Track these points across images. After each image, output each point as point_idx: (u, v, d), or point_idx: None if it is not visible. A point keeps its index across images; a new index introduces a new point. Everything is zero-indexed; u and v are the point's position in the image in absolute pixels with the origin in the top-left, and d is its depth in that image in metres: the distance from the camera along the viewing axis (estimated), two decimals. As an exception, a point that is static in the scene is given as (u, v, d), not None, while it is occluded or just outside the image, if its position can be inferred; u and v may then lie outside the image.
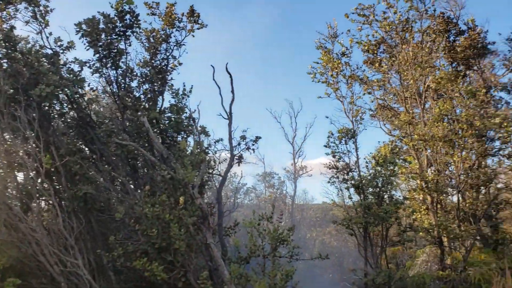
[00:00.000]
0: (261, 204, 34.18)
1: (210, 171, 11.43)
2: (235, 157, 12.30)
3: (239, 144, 12.42)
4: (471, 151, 14.59)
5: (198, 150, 10.06)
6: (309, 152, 55.03)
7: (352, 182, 14.40)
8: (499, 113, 14.78)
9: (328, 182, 15.35)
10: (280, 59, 68.70)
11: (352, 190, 14.59)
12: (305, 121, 51.53)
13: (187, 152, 9.81)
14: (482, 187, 14.95)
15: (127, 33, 10.34)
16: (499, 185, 16.13)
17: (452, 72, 15.86)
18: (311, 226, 34.53)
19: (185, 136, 10.86)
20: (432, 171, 15.50)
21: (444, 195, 15.34)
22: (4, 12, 9.93)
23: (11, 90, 9.43)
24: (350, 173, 14.81)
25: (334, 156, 14.95)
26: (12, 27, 9.91)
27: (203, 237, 8.68)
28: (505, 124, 13.93)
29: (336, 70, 15.88)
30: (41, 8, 10.42)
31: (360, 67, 17.05)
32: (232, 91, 12.31)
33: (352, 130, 14.89)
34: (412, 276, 13.61)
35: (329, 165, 15.13)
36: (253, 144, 12.47)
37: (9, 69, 9.46)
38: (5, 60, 9.65)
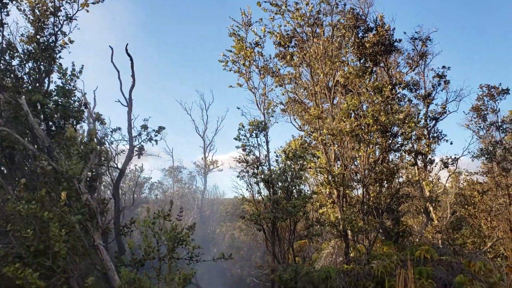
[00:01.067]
0: (169, 200, 32.94)
1: (106, 163, 10.26)
2: (135, 149, 11.25)
3: (140, 134, 11.37)
4: (376, 146, 14.83)
5: (89, 139, 8.89)
6: (220, 146, 54.54)
7: (262, 176, 13.97)
8: (403, 109, 15.20)
9: (238, 176, 14.80)
10: (190, 47, 67.35)
11: (261, 184, 14.18)
12: (217, 114, 50.79)
13: (76, 141, 8.61)
14: (385, 182, 15.28)
15: (4, 1, 8.83)
16: (400, 180, 16.69)
17: (360, 68, 16.03)
18: (221, 221, 33.96)
19: (74, 123, 9.57)
20: (339, 166, 15.56)
21: (350, 189, 15.48)
22: None
23: None
24: (260, 167, 14.37)
25: (244, 150, 14.41)
26: None
27: (91, 237, 7.59)
28: (408, 120, 14.31)
29: (248, 59, 15.31)
30: None
31: (273, 59, 16.69)
32: (133, 76, 11.24)
33: (264, 123, 14.44)
34: (318, 270, 13.47)
35: (239, 159, 14.58)
36: (155, 135, 11.45)
37: None
38: None
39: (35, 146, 8.38)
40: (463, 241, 18.97)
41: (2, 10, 8.72)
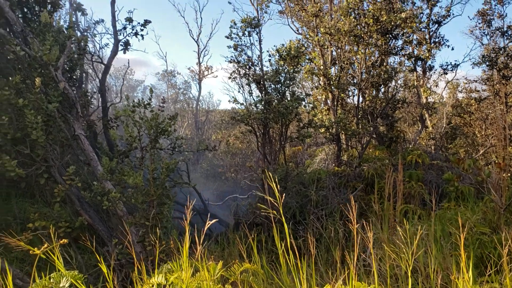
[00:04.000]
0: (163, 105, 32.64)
1: (85, 55, 9.76)
2: (120, 43, 10.70)
3: (124, 28, 10.76)
4: (375, 48, 14.21)
5: (68, 26, 8.33)
6: (216, 52, 53.13)
7: (254, 77, 13.49)
8: (405, 9, 14.35)
9: (229, 78, 14.31)
10: None
11: (253, 85, 13.75)
12: (211, 17, 48.76)
13: (53, 29, 8.06)
14: (382, 86, 14.87)
15: None
16: (398, 83, 16.28)
17: (363, -38, 14.85)
18: (216, 129, 33.99)
19: (52, 10, 8.92)
20: (336, 69, 15.05)
21: (345, 92, 15.11)
22: None
23: None
24: (252, 67, 13.83)
25: (236, 49, 13.78)
26: None
27: (71, 128, 7.33)
28: (410, 20, 13.56)
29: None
30: None
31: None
32: (115, -39, 10.38)
33: (257, 19, 13.63)
34: (308, 173, 13.54)
35: (231, 60, 13.99)
36: (141, 29, 10.85)
37: None
38: None
39: (9, 31, 7.82)
40: (456, 150, 19.01)
41: None
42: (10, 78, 7.01)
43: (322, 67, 14.90)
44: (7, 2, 7.54)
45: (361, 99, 14.92)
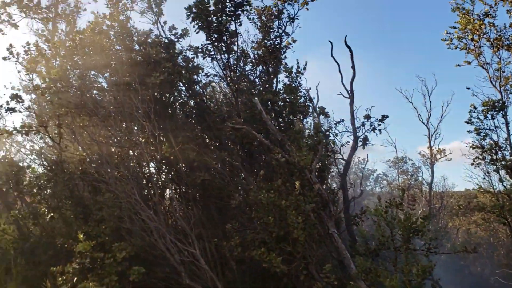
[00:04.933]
0: (395, 192, 31.93)
1: (332, 155, 10.50)
2: (359, 139, 11.20)
3: (363, 125, 11.28)
4: None
5: (316, 131, 9.23)
6: (447, 134, 50.43)
7: (503, 162, 12.26)
8: None
9: (472, 164, 13.32)
10: (405, 33, 64.13)
11: (502, 172, 12.45)
12: (441, 99, 47.05)
13: (304, 134, 9.06)
14: None
15: (237, 13, 9.84)
16: None
17: None
18: (453, 215, 31.34)
19: (301, 118, 10.08)
20: None
21: None
22: (121, 4, 10.14)
23: (130, 80, 9.57)
24: (499, 152, 12.65)
25: (478, 134, 12.89)
26: (128, 18, 10.09)
27: (325, 226, 7.81)
28: None
29: (477, 33, 13.64)
30: (157, -1, 10.48)
31: (508, 28, 14.48)
32: (353, 67, 11.24)
33: (501, 102, 12.65)
34: None
35: (473, 145, 13.10)
36: (379, 124, 11.20)
37: (127, 60, 9.62)
38: (123, 51, 9.86)
39: (269, 141, 9.08)
40: None
41: (236, 21, 9.72)
42: (272, 181, 8.03)
43: None
44: (268, 116, 8.87)
45: None
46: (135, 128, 9.43)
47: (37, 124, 9.27)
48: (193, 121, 10.84)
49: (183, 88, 10.83)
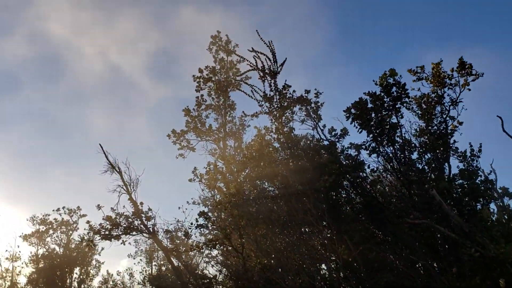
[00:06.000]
0: None
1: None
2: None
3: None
4: None
5: (505, 217, 8.29)
6: None
7: None
8: None
9: None
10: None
11: None
12: None
13: (493, 222, 8.20)
14: None
15: (396, 106, 9.88)
16: None
17: None
18: None
19: (484, 203, 9.21)
20: None
21: None
22: (283, 117, 10.97)
23: (300, 187, 9.98)
24: None
25: None
26: (291, 129, 10.80)
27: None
28: None
29: None
30: (313, 105, 11.15)
31: None
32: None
33: None
34: None
35: None
36: None
37: (294, 167, 10.14)
38: (290, 160, 10.45)
39: (454, 233, 8.39)
40: None
41: (396, 114, 9.73)
42: (465, 279, 7.25)
43: None
44: (449, 206, 8.28)
45: None
46: (310, 232, 9.60)
47: (221, 236, 10.02)
48: (363, 217, 10.66)
49: (348, 185, 10.88)
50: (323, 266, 10.15)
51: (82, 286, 28.82)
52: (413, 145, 10.49)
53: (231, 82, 16.35)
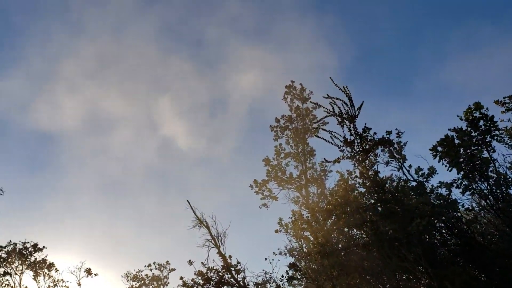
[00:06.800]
0: None
1: None
2: None
3: None
4: None
5: None
6: None
7: None
8: None
9: None
10: None
11: None
12: None
13: None
14: None
15: (486, 140, 9.40)
16: None
17: None
18: None
19: None
20: None
21: None
22: (366, 161, 10.79)
23: (390, 231, 9.64)
24: None
25: None
26: (377, 172, 10.57)
27: None
28: None
29: None
30: (395, 146, 10.91)
31: None
32: None
33: None
34: None
35: None
36: None
37: (383, 211, 9.85)
38: (378, 204, 10.18)
39: None
40: None
41: (487, 148, 9.25)
42: None
43: None
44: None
45: None
46: (406, 279, 9.15)
47: (314, 287, 9.83)
48: (461, 260, 10.00)
49: (442, 226, 10.36)
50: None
51: None
52: (509, 179, 9.84)
53: (308, 128, 16.47)
